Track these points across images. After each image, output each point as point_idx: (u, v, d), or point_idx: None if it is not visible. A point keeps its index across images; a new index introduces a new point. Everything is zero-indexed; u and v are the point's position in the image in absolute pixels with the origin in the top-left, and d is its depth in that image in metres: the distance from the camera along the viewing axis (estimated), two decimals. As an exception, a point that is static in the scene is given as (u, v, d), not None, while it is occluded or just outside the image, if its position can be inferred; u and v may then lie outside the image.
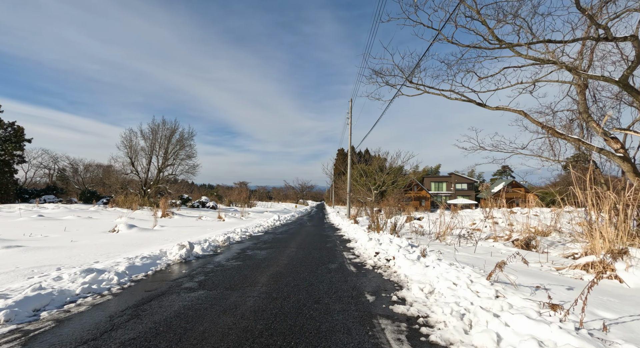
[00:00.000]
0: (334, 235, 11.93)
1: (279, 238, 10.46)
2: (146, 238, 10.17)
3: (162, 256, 6.33)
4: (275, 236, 11.33)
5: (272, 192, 73.29)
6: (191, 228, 14.00)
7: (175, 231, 12.37)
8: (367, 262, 6.20)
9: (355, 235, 11.17)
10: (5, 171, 24.28)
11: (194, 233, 12.00)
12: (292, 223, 18.41)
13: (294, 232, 13.05)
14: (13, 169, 25.09)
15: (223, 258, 6.61)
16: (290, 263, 5.98)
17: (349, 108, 23.61)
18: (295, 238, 10.64)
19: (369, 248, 7.46)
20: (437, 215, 22.66)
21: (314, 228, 15.44)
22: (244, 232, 11.80)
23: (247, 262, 6.12)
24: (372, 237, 8.69)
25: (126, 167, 26.19)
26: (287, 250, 7.75)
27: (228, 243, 9.19)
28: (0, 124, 24.11)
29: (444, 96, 11.37)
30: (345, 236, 11.35)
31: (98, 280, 4.21)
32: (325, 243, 9.39)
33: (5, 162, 24.24)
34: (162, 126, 27.03)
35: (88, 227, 13.12)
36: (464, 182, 50.76)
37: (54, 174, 39.15)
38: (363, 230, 11.39)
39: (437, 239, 9.05)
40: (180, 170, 27.93)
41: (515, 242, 7.94)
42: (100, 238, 9.84)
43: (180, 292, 4.00)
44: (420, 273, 4.61)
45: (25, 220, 14.85)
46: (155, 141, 26.82)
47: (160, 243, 9.11)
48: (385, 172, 25.73)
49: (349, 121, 23.63)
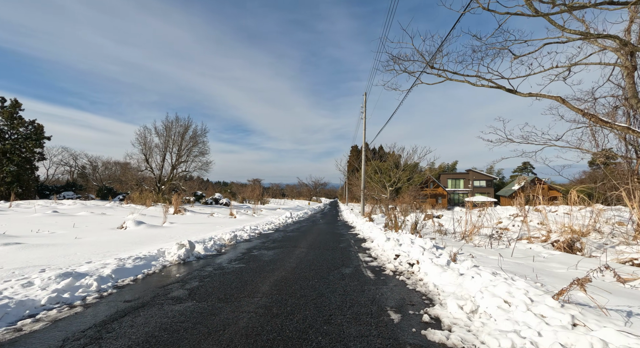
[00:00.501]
0: (347, 233, 11.13)
1: (289, 237, 9.75)
2: (152, 235, 9.69)
3: (158, 256, 5.72)
4: (285, 234, 10.64)
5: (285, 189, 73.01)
6: (201, 225, 13.51)
7: (184, 228, 11.88)
8: (386, 266, 5.37)
9: (370, 234, 10.34)
10: (27, 168, 24.73)
11: (202, 230, 11.48)
12: (304, 221, 17.71)
13: (306, 230, 12.33)
14: (34, 166, 25.55)
15: (225, 260, 5.93)
16: (299, 267, 5.23)
17: (363, 102, 22.62)
18: (306, 236, 9.91)
19: (387, 250, 6.62)
20: (457, 212, 21.42)
21: (327, 226, 14.68)
22: (254, 230, 11.17)
23: (251, 265, 5.42)
24: (390, 236, 7.84)
25: (141, 163, 26.23)
26: (297, 251, 7.02)
27: (235, 241, 8.55)
28: (22, 122, 24.56)
29: (468, 83, 10.30)
30: (359, 235, 10.53)
31: (74, 286, 3.60)
32: (338, 242, 8.61)
33: (26, 159, 24.69)
34: (175, 123, 26.91)
35: (98, 224, 12.83)
36: (482, 179, 48.61)
37: (75, 171, 40.04)
38: (379, 229, 10.54)
39: (462, 240, 8.10)
40: (194, 167, 27.78)
41: (555, 244, 6.90)
42: (106, 235, 9.42)
43: (164, 303, 3.32)
44: (454, 283, 3.76)
45: (39, 216, 14.77)
46: (169, 138, 26.71)
47: (164, 241, 8.58)
48: (401, 169, 24.62)
49: (363, 116, 22.64)
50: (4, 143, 23.77)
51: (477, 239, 7.79)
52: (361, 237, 9.86)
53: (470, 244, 7.50)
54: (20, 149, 24.54)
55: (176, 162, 27.18)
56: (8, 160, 23.63)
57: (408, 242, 6.74)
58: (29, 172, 24.98)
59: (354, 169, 42.25)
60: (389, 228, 10.00)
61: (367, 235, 10.16)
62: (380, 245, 7.36)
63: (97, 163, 38.02)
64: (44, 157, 26.40)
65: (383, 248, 6.87)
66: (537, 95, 9.36)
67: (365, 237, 9.93)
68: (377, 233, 9.69)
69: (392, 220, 9.61)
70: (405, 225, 9.46)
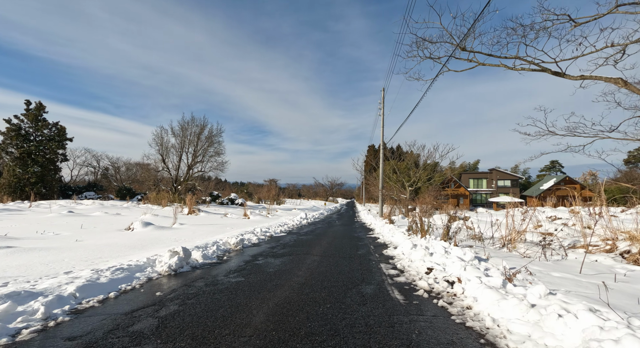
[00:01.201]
0: (366, 237, 10.00)
1: (302, 241, 8.75)
2: (156, 238, 8.96)
3: (146, 266, 4.85)
4: (298, 237, 9.65)
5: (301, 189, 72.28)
6: (211, 226, 12.77)
7: (193, 230, 11.14)
8: (417, 284, 4.24)
9: (392, 238, 9.17)
10: (50, 169, 25.16)
11: (211, 232, 10.70)
12: (319, 222, 16.69)
13: (321, 232, 11.30)
14: (57, 166, 25.99)
15: (223, 271, 4.99)
16: (308, 283, 4.20)
17: (381, 98, 21.35)
18: (320, 241, 8.87)
19: (415, 260, 5.47)
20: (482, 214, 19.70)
21: (344, 228, 13.59)
22: (264, 233, 10.26)
23: (251, 278, 4.44)
24: (417, 243, 6.67)
25: (157, 164, 26.10)
26: (308, 259, 5.99)
27: (241, 246, 7.64)
28: (45, 124, 25.01)
29: (505, 67, 8.92)
30: (380, 239, 9.38)
31: (11, 314, 2.72)
32: (356, 248, 7.51)
33: (50, 160, 25.12)
34: (191, 123, 26.62)
35: (108, 224, 12.34)
36: (506, 179, 45.73)
37: (99, 172, 40.94)
38: (402, 233, 9.35)
39: (504, 248, 6.79)
40: (209, 167, 27.39)
41: (627, 256, 5.51)
42: (109, 238, 8.78)
43: (115, 344, 2.38)
44: (526, 320, 2.60)
45: (54, 216, 14.54)
46: (185, 138, 26.45)
47: (167, 244, 7.80)
48: (421, 168, 23.12)
49: (381, 112, 21.37)
50: (29, 145, 24.25)
51: (522, 247, 6.46)
52: (382, 242, 8.72)
53: (515, 254, 6.21)
54: (44, 150, 24.99)
55: (192, 162, 26.90)
56: (32, 161, 24.08)
57: (440, 250, 5.56)
58: (53, 173, 25.39)
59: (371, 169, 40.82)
60: (414, 233, 8.80)
61: (389, 240, 9.00)
62: (405, 254, 6.21)
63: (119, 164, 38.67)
64: (67, 158, 26.82)
65: (410, 258, 5.72)
66: (592, 77, 7.88)
67: (386, 241, 8.77)
68: (400, 238, 8.51)
69: (418, 224, 8.40)
70: (432, 229, 8.22)
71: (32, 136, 24.81)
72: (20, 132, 24.18)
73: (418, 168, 23.82)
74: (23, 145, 24.10)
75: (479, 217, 16.13)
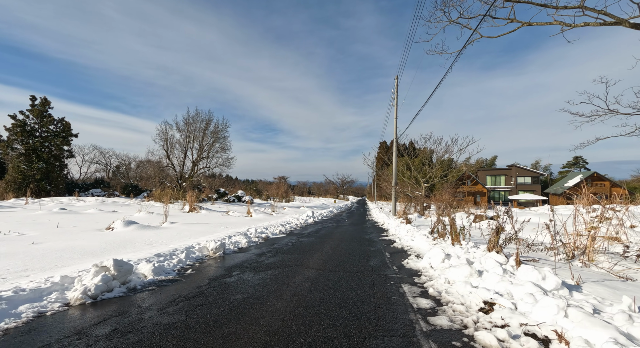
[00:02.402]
0: (379, 240, 8.15)
1: (300, 245, 7.00)
2: (130, 240, 7.39)
3: (54, 290, 3.21)
4: (298, 240, 7.92)
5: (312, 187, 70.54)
6: (205, 225, 11.20)
7: (180, 230, 9.58)
8: (476, 338, 2.40)
9: (412, 242, 7.27)
10: (56, 165, 24.37)
11: (200, 232, 9.12)
12: (326, 221, 14.93)
13: (326, 233, 9.53)
14: (63, 162, 25.20)
15: (166, 299, 3.27)
16: (284, 333, 2.45)
17: (395, 86, 19.31)
18: (324, 245, 7.10)
19: (456, 281, 3.61)
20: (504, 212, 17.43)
21: (353, 227, 11.77)
22: (260, 234, 8.58)
23: (195, 319, 2.72)
24: (451, 252, 4.80)
25: (162, 160, 24.93)
26: (299, 276, 4.23)
27: (222, 252, 5.96)
28: (50, 120, 24.21)
29: (561, 24, 6.82)
30: (396, 243, 7.51)
31: None
32: (366, 256, 5.70)
33: (55, 156, 24.33)
34: (196, 117, 25.29)
35: (93, 223, 10.92)
36: (527, 175, 42.46)
37: (110, 169, 40.50)
38: (424, 236, 7.42)
39: (574, 260, 4.81)
40: (215, 163, 26.00)
41: None
42: (78, 239, 7.27)
43: None
44: None
45: (42, 213, 13.34)
46: (190, 133, 25.17)
47: (136, 248, 6.22)
48: (438, 163, 20.95)
49: (395, 102, 19.33)
50: (34, 140, 23.48)
51: (604, 260, 4.49)
52: (399, 248, 6.85)
53: (598, 271, 4.24)
54: (49, 146, 24.20)
55: (197, 158, 25.60)
56: (37, 158, 23.30)
57: (494, 268, 3.67)
58: (58, 169, 24.59)
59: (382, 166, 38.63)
60: (440, 236, 6.88)
61: (407, 244, 7.12)
62: (436, 268, 4.35)
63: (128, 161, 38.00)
64: (72, 154, 25.99)
65: (446, 278, 3.85)
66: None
67: (404, 246, 6.89)
68: (424, 243, 6.62)
69: (449, 227, 6.48)
70: (467, 234, 6.29)
71: (37, 132, 24.05)
72: (26, 128, 23.44)
73: (434, 163, 21.65)
74: (28, 141, 23.36)
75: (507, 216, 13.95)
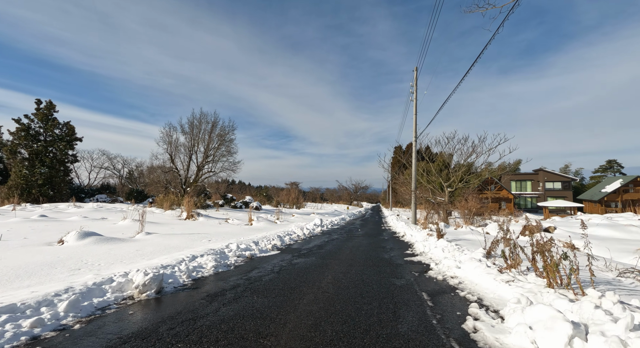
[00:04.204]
0: (405, 263, 5.65)
1: (291, 273, 4.64)
2: (60, 261, 5.27)
3: None
4: (291, 262, 5.55)
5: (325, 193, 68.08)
6: (186, 237, 9.04)
7: (148, 244, 7.44)
8: None
9: (460, 272, 4.70)
10: (60, 170, 23.23)
11: (173, 248, 6.97)
12: (336, 231, 12.51)
13: (332, 250, 7.12)
14: (67, 167, 24.04)
15: None
16: None
17: (414, 79, 16.85)
18: (325, 272, 4.70)
19: None
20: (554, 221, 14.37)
21: (368, 240, 9.27)
22: (243, 251, 6.30)
23: None
24: (560, 307, 2.34)
25: (166, 163, 23.33)
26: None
27: (154, 290, 3.71)
28: (55, 124, 23.17)
29: None
30: (432, 270, 4.98)
31: None
32: (392, 304, 3.27)
33: (59, 161, 23.20)
34: (202, 119, 23.64)
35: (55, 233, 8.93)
36: (556, 180, 38.33)
37: (124, 175, 39.65)
38: (477, 262, 4.86)
39: None
40: (220, 167, 24.18)
41: None
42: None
43: None
44: None
45: (16, 221, 11.62)
46: (195, 136, 23.52)
47: (42, 279, 4.08)
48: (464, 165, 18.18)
49: (414, 96, 16.84)
50: (38, 145, 22.42)
51: None
52: (439, 280, 4.34)
53: None
54: (53, 150, 23.11)
55: (202, 162, 23.85)
56: (40, 162, 22.18)
57: None
58: (62, 174, 23.40)
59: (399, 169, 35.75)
60: (511, 266, 4.31)
61: (452, 274, 4.59)
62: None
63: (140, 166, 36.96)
64: (77, 159, 24.85)
65: None
66: None
67: (447, 278, 4.37)
68: (483, 277, 4.09)
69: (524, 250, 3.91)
70: (570, 266, 3.72)
71: (41, 136, 23.03)
72: (30, 131, 22.44)
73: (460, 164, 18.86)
74: (32, 146, 22.32)
75: (561, 226, 11.04)
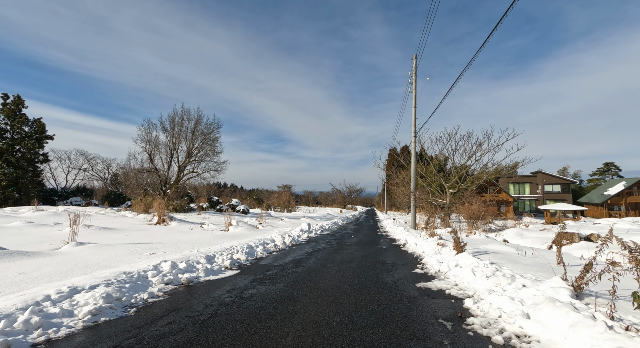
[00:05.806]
0: (420, 294, 3.63)
1: (235, 315, 2.61)
2: None
3: None
4: (244, 291, 3.51)
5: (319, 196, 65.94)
6: (131, 248, 6.96)
7: (60, 262, 5.35)
8: None
9: (530, 325, 2.74)
10: (28, 170, 20.94)
11: (95, 265, 4.93)
12: (325, 238, 10.49)
13: (314, 267, 5.10)
14: (37, 168, 21.75)
15: None
16: None
17: (413, 67, 15.07)
18: (292, 314, 2.68)
19: None
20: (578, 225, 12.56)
21: (362, 251, 7.22)
22: (181, 272, 4.28)
23: None
24: None
25: (145, 163, 21.17)
26: None
27: None
28: (23, 120, 20.91)
29: None
30: (490, 330, 2.98)
31: None
32: None
33: (28, 160, 20.92)
34: (184, 116, 21.57)
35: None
36: (555, 183, 36.87)
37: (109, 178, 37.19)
38: (567, 308, 2.88)
39: None
40: (204, 168, 22.10)
41: None
42: None
43: None
44: None
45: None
46: (177, 133, 21.43)
47: None
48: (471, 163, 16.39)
49: (413, 87, 15.03)
50: (2, 142, 20.10)
51: None
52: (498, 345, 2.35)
53: None
54: (21, 149, 20.82)
55: (184, 162, 21.72)
56: (5, 162, 19.85)
57: None
58: (30, 175, 21.07)
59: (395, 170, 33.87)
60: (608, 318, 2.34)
61: (519, 331, 2.62)
62: None
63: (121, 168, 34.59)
64: (48, 158, 22.54)
65: None
66: None
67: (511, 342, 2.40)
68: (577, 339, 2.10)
69: None
70: None
71: (7, 133, 20.74)
72: (-6, 128, 20.17)
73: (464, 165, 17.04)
74: (-4, 143, 20.02)
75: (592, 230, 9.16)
